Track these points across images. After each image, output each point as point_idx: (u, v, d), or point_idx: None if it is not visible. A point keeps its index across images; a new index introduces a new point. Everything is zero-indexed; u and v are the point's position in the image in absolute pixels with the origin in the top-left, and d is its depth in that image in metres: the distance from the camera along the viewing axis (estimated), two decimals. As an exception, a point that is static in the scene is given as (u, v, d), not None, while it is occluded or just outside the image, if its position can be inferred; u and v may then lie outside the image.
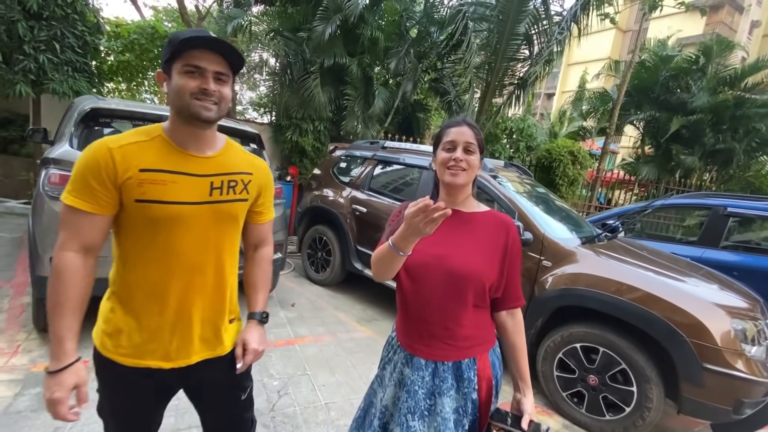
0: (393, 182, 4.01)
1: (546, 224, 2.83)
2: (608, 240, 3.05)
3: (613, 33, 25.63)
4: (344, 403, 2.32)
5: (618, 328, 2.29)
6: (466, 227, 1.10)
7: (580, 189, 7.38)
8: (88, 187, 0.88)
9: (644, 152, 10.35)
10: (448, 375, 1.06)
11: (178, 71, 0.90)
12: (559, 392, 2.46)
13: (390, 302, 3.96)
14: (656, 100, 9.20)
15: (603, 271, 2.46)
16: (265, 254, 1.22)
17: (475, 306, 1.06)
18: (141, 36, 6.98)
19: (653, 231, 4.98)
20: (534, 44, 7.04)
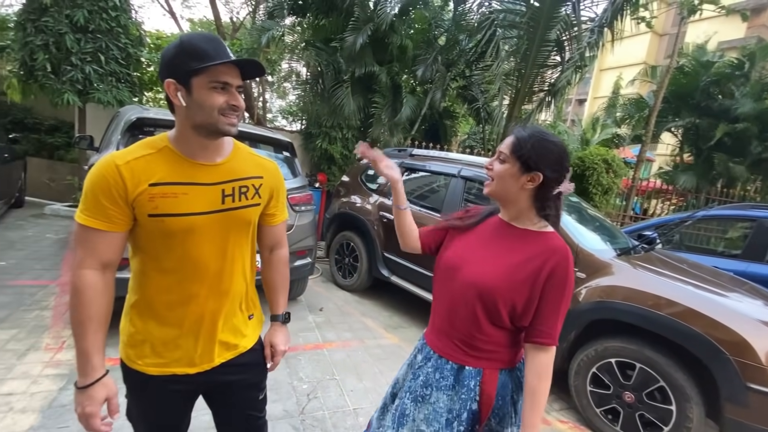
0: (421, 189, 4.02)
1: (579, 234, 2.76)
2: (645, 252, 2.94)
3: (649, 37, 24.78)
4: (372, 409, 2.32)
5: (656, 343, 2.20)
6: (508, 242, 1.04)
7: (614, 198, 7.14)
8: (100, 205, 0.87)
9: (683, 160, 9.89)
10: (450, 375, 1.05)
11: (204, 86, 0.88)
12: (593, 408, 2.38)
13: (416, 310, 3.95)
14: (696, 106, 8.80)
15: (640, 284, 2.37)
16: (282, 256, 1.24)
17: (491, 323, 1.01)
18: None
19: (693, 243, 4.74)
20: (565, 50, 6.91)
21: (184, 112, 0.91)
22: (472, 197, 3.56)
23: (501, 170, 1.01)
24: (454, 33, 7.24)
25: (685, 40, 13.15)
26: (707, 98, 8.74)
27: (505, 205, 1.08)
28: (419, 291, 3.59)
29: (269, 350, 1.18)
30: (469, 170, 3.52)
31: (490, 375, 1.03)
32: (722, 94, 8.68)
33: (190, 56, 0.87)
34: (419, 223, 4.00)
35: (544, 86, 7.28)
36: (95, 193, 0.87)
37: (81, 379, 0.89)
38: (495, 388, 1.02)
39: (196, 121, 0.91)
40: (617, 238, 3.15)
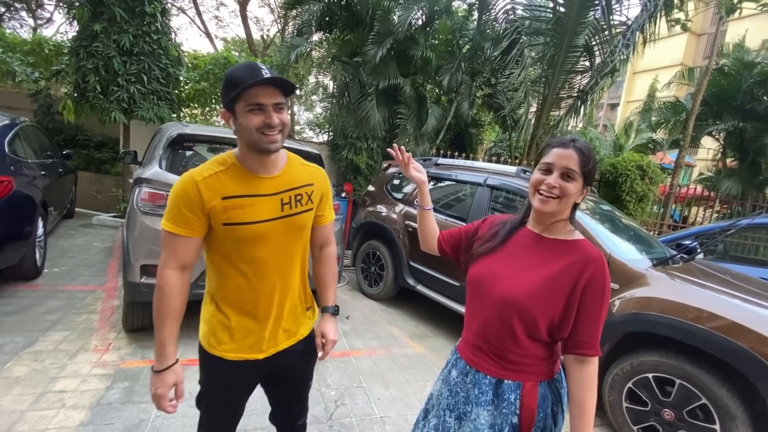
0: (446, 198, 4.02)
1: (612, 243, 2.68)
2: (684, 262, 2.81)
3: (686, 38, 23.75)
4: (399, 418, 2.33)
5: (697, 358, 2.09)
6: (541, 253, 1.02)
7: (650, 206, 6.83)
8: (182, 215, 1.02)
9: (725, 165, 9.36)
10: (488, 389, 1.03)
11: (243, 110, 1.00)
12: (629, 425, 2.28)
13: (442, 319, 3.93)
14: (740, 108, 8.33)
15: (678, 295, 2.27)
16: (330, 253, 1.37)
17: (529, 336, 0.99)
18: (215, 66, 7.73)
19: (739, 253, 4.47)
20: (594, 55, 6.76)
21: (238, 135, 1.06)
22: (498, 206, 3.53)
23: (571, 188, 0.97)
24: (478, 41, 7.25)
25: (725, 39, 12.52)
26: (752, 100, 8.26)
27: (548, 220, 1.04)
28: (445, 300, 3.57)
29: (320, 340, 1.31)
30: (495, 179, 3.50)
31: (531, 388, 1.00)
32: (767, 95, 8.19)
33: (229, 86, 0.99)
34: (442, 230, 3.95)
35: (572, 92, 7.14)
36: (178, 204, 1.03)
37: (156, 364, 1.05)
38: (536, 401, 1.00)
39: (245, 141, 1.05)
40: (653, 247, 3.03)
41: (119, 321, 3.04)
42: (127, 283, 2.63)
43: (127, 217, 2.87)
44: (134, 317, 2.83)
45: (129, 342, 2.80)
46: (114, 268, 4.34)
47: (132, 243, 2.63)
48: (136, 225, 2.62)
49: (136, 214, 2.64)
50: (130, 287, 2.62)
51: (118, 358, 2.58)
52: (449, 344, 3.39)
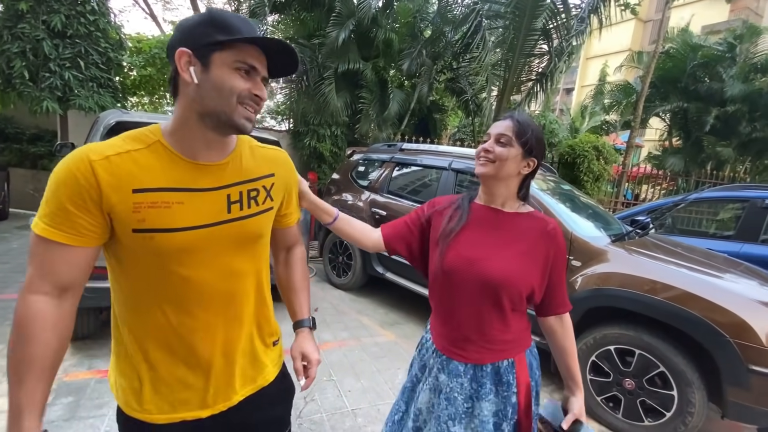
0: (412, 184, 3.97)
1: (573, 222, 2.73)
2: (639, 237, 2.92)
3: (633, 24, 24.89)
4: (371, 409, 2.28)
5: (654, 328, 2.18)
6: (507, 229, 1.06)
7: (605, 185, 7.15)
8: (64, 211, 0.67)
9: (671, 144, 9.95)
10: (487, 380, 1.04)
11: (226, 64, 0.71)
12: (594, 397, 2.35)
13: (412, 305, 3.92)
14: (684, 90, 8.85)
15: (636, 269, 2.34)
16: (299, 254, 1.09)
17: (513, 311, 1.04)
18: (162, 50, 7.20)
19: (685, 226, 4.75)
20: (552, 39, 6.88)
21: (192, 94, 0.72)
22: (464, 189, 3.51)
23: (504, 153, 1.02)
24: (439, 25, 7.18)
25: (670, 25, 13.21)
26: (695, 82, 8.80)
27: (495, 189, 1.08)
28: (414, 286, 3.55)
29: (300, 363, 0.99)
30: (459, 162, 3.48)
31: (521, 361, 1.06)
32: (710, 77, 8.73)
33: (216, 27, 0.70)
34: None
35: (532, 76, 7.26)
36: (59, 195, 0.67)
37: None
38: (527, 372, 1.06)
39: (208, 106, 0.72)
40: (611, 224, 3.13)
41: (62, 329, 2.77)
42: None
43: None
44: (78, 325, 2.59)
45: (73, 352, 2.56)
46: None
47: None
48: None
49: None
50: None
51: (61, 371, 2.35)
52: (420, 330, 3.39)
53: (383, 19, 6.26)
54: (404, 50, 6.60)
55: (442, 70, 7.59)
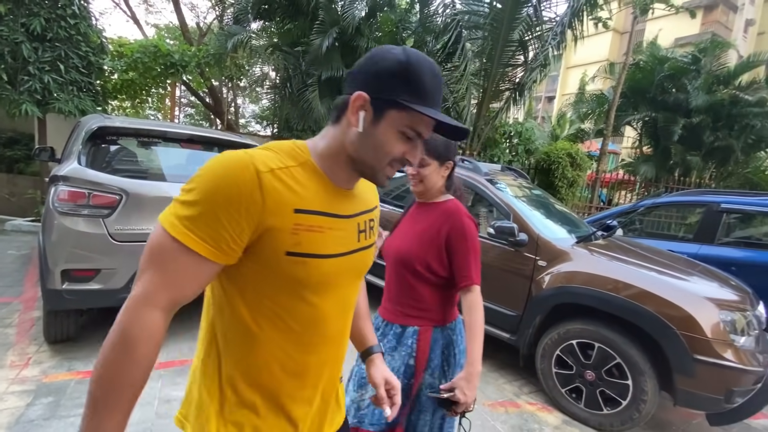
0: (397, 190, 4.10)
1: (541, 225, 2.89)
2: (604, 239, 3.10)
3: (611, 35, 25.81)
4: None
5: (612, 323, 2.34)
6: (421, 216, 1.30)
7: (581, 190, 7.42)
8: (214, 220, 0.58)
9: (642, 152, 10.39)
10: (393, 338, 1.26)
11: (396, 126, 0.66)
12: (558, 388, 2.50)
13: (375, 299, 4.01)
14: (653, 100, 9.28)
15: (598, 269, 2.51)
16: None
17: (421, 282, 1.24)
18: (144, 54, 7.17)
19: (653, 229, 5.00)
20: (529, 50, 7.16)
21: (351, 137, 0.68)
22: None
23: (425, 172, 1.24)
24: (421, 34, 7.38)
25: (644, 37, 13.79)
26: (663, 93, 9.23)
27: (426, 194, 1.31)
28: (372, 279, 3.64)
29: (383, 390, 0.91)
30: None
31: (425, 332, 1.23)
32: (677, 88, 9.18)
33: (406, 84, 0.64)
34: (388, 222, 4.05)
35: (510, 85, 7.52)
36: (214, 201, 0.58)
37: None
38: (429, 343, 1.23)
39: (360, 155, 0.68)
40: (579, 227, 3.31)
41: (40, 333, 2.77)
42: (47, 290, 2.40)
43: (43, 219, 2.62)
44: (57, 327, 2.60)
45: (52, 354, 2.57)
46: (33, 277, 3.93)
47: (50, 247, 2.40)
48: (54, 227, 2.39)
49: (53, 216, 2.42)
50: (50, 295, 2.40)
51: (40, 373, 2.37)
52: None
53: (366, 28, 6.42)
54: (386, 59, 6.75)
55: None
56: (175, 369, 2.50)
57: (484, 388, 2.72)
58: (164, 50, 7.31)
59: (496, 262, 2.89)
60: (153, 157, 3.04)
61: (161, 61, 7.25)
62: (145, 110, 8.69)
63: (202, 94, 10.56)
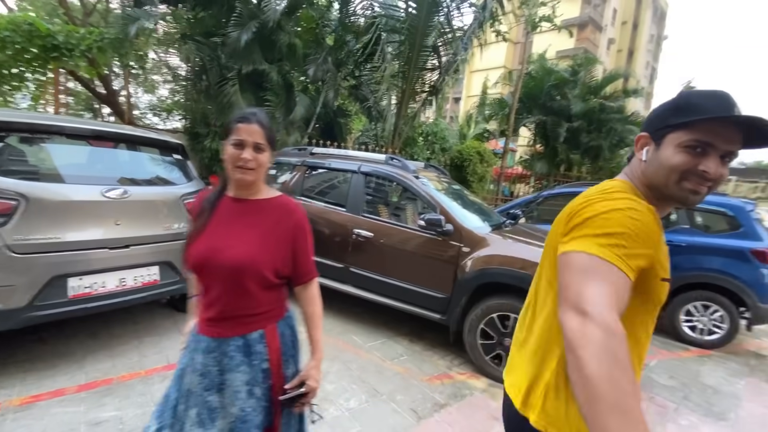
0: (323, 185, 4.19)
1: (463, 216, 3.27)
2: (512, 226, 3.62)
3: (507, 45, 28.79)
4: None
5: (524, 296, 2.79)
6: (252, 216, 1.15)
7: (488, 184, 8.29)
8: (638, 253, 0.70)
9: (536, 150, 11.96)
10: (236, 353, 1.12)
11: (676, 144, 0.76)
12: (483, 357, 2.90)
13: (332, 301, 4.08)
14: (543, 106, 10.75)
15: (510, 251, 2.96)
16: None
17: (263, 288, 1.13)
18: (15, 33, 6.07)
19: (548, 216, 5.88)
20: (441, 55, 7.75)
21: (641, 169, 0.82)
22: (371, 190, 3.86)
23: (263, 159, 1.11)
24: (341, 33, 7.49)
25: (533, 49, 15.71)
26: (550, 99, 10.76)
27: (250, 186, 1.15)
28: (331, 282, 3.71)
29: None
30: (367, 166, 3.81)
31: (272, 330, 1.17)
32: (560, 96, 10.76)
33: (675, 110, 0.77)
34: (326, 219, 4.13)
35: (425, 87, 8.06)
36: (640, 238, 0.71)
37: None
38: (278, 340, 1.17)
39: (651, 181, 0.81)
40: (491, 216, 3.79)
41: None
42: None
43: None
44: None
45: None
46: None
47: None
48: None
49: None
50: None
51: None
52: (339, 324, 3.61)
53: (287, 24, 6.32)
54: (309, 56, 6.74)
55: (345, 77, 7.92)
56: (99, 390, 2.30)
57: (421, 365, 3.01)
58: (43, 30, 6.27)
59: (425, 251, 3.20)
60: (51, 156, 2.68)
61: (39, 42, 6.21)
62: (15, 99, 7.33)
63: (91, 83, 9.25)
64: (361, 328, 3.56)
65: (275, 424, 1.16)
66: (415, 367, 2.99)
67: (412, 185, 3.46)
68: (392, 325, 3.67)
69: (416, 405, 2.48)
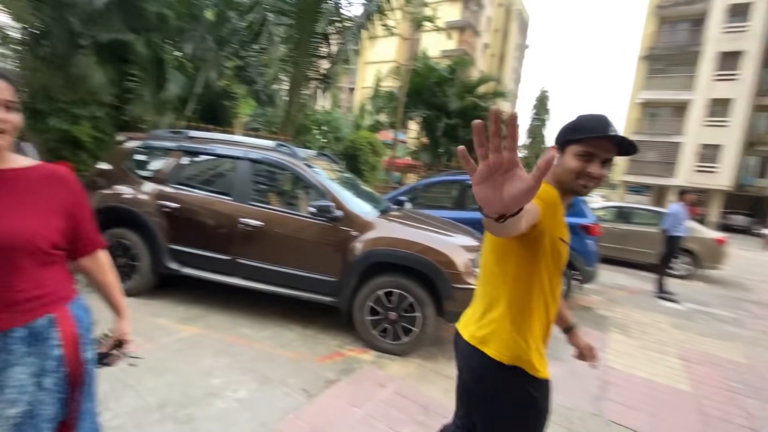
0: (206, 174, 3.90)
1: (352, 202, 3.42)
2: (398, 211, 3.91)
3: (397, 39, 29.97)
4: (182, 398, 2.31)
5: (406, 273, 3.08)
6: (10, 187, 0.99)
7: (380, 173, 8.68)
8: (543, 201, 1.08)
9: (422, 142, 12.91)
10: (21, 344, 0.98)
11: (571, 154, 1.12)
12: (371, 332, 3.12)
13: (216, 296, 3.89)
14: (427, 101, 11.62)
15: (395, 233, 3.21)
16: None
17: (41, 265, 1.01)
18: None
19: (431, 202, 6.46)
20: (331, 44, 7.76)
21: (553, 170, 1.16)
22: (261, 178, 3.75)
23: (17, 120, 0.96)
24: (222, 9, 6.92)
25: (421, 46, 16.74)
26: (433, 96, 11.68)
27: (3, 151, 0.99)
28: (216, 276, 3.55)
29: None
30: (255, 153, 3.67)
31: (64, 314, 1.05)
32: (441, 93, 11.76)
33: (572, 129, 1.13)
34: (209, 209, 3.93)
35: (317, 74, 7.99)
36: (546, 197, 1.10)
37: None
38: (73, 324, 1.07)
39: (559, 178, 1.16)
40: (380, 202, 4.04)
41: None
42: None
43: None
44: None
45: None
46: None
47: None
48: None
49: None
50: None
51: None
52: (227, 319, 3.46)
53: (156, -10, 5.58)
54: (185, 30, 6.07)
55: (229, 57, 7.37)
56: None
57: (314, 348, 3.10)
58: None
59: (316, 237, 3.27)
60: None
61: None
62: None
63: None
64: (251, 320, 3.47)
65: (70, 416, 1.08)
66: (307, 350, 3.06)
67: (303, 173, 3.47)
68: (285, 313, 3.66)
69: (308, 385, 2.56)
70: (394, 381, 2.73)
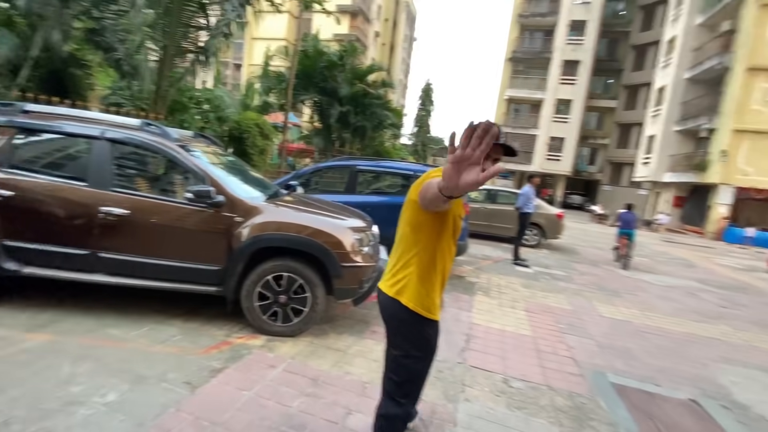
0: (51, 156, 3.31)
1: (235, 187, 3.29)
2: (289, 195, 3.89)
3: (287, 17, 28.48)
4: (32, 413, 2.02)
5: (295, 256, 3.14)
6: None
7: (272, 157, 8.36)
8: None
9: (315, 127, 12.77)
10: None
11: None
12: (261, 317, 3.12)
13: (72, 297, 3.38)
14: (317, 85, 11.48)
15: (285, 218, 3.22)
16: None
17: None
18: None
19: (323, 186, 6.53)
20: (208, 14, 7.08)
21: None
22: (125, 161, 3.34)
23: None
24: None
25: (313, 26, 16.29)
26: (324, 80, 11.59)
27: None
28: (71, 274, 3.09)
29: None
30: (115, 132, 3.24)
31: None
32: (332, 78, 11.74)
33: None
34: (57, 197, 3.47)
35: (193, 47, 7.23)
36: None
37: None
38: None
39: None
40: (268, 187, 3.96)
41: None
42: None
43: None
44: None
45: None
46: None
47: None
48: None
49: None
50: None
51: None
52: (86, 320, 3.04)
53: None
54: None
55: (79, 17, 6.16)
56: None
57: (197, 340, 2.96)
58: None
59: (195, 224, 3.09)
60: None
61: None
62: None
63: None
64: (120, 319, 3.13)
65: None
66: (190, 343, 2.91)
67: (176, 155, 3.20)
68: (163, 308, 3.38)
69: (191, 377, 2.46)
70: (284, 361, 2.80)
